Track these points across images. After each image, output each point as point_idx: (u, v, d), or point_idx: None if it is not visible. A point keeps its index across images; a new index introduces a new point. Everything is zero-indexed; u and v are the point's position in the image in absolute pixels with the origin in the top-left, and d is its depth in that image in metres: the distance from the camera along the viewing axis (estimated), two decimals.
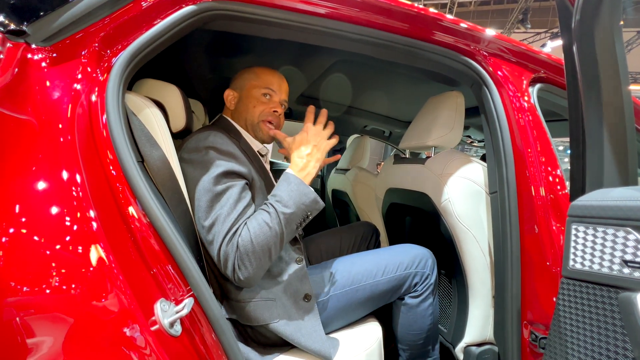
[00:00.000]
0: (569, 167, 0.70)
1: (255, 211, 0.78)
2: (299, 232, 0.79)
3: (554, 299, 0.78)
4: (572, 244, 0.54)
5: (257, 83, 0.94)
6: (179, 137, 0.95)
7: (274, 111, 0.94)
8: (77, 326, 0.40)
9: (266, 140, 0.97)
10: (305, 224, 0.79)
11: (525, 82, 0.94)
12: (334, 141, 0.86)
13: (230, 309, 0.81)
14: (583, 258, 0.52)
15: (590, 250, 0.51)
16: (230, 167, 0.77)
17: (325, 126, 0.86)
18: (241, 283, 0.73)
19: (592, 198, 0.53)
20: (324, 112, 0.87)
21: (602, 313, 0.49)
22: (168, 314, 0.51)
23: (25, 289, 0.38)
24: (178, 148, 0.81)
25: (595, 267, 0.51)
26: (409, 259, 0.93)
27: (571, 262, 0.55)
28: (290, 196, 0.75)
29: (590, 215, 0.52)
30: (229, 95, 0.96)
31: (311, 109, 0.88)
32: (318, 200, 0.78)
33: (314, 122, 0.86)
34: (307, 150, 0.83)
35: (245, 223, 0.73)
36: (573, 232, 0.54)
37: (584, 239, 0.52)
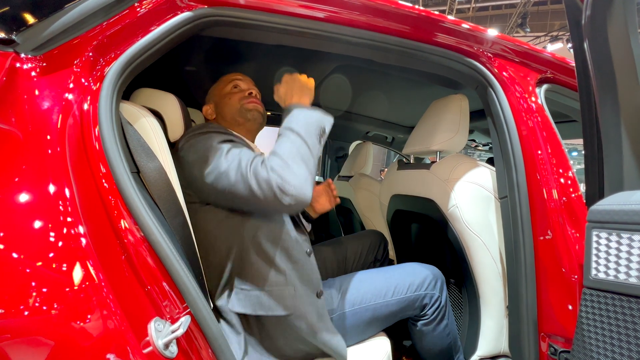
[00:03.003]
0: (583, 170, 0.67)
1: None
2: (321, 148, 0.78)
3: (569, 307, 0.74)
4: (594, 251, 0.51)
5: (223, 85, 0.99)
6: None
7: (249, 93, 0.96)
8: (60, 351, 0.37)
9: (258, 118, 0.96)
10: (325, 137, 0.79)
11: (531, 82, 0.91)
12: (312, 84, 0.88)
13: (239, 301, 0.75)
14: (607, 267, 0.49)
15: (614, 258, 0.47)
16: (232, 137, 0.78)
17: None
18: (292, 205, 0.67)
19: (614, 202, 0.49)
20: None
21: (632, 327, 0.45)
22: (163, 334, 0.47)
23: (1, 311, 0.35)
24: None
25: (622, 276, 0.47)
26: (419, 280, 0.91)
27: (593, 271, 0.51)
28: (297, 121, 0.75)
29: (613, 221, 0.48)
30: (208, 110, 0.99)
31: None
32: (324, 115, 0.79)
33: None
34: (291, 83, 0.85)
35: (268, 154, 0.72)
36: (594, 238, 0.51)
37: (607, 246, 0.49)
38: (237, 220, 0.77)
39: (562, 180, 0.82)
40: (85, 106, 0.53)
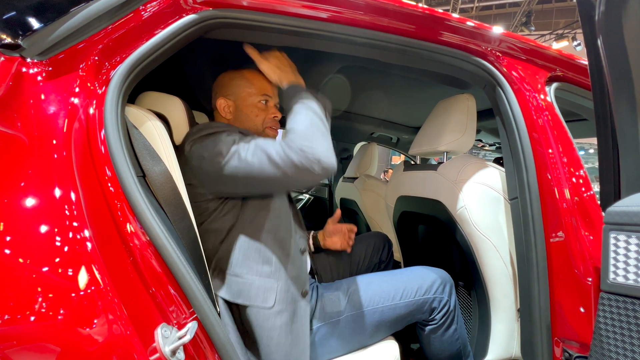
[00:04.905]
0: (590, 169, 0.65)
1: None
2: (328, 121, 0.80)
3: (584, 312, 0.72)
4: (612, 254, 0.49)
5: (252, 91, 0.92)
6: None
7: (274, 117, 0.94)
8: (66, 357, 0.37)
9: None
10: (330, 115, 0.82)
11: (541, 81, 0.90)
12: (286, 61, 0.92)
13: (223, 285, 0.75)
14: (626, 271, 0.47)
15: (634, 262, 0.46)
16: (243, 130, 0.80)
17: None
18: (321, 174, 0.70)
19: (633, 203, 0.47)
20: None
21: None
22: (170, 340, 0.47)
23: (6, 317, 0.35)
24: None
25: None
26: (427, 283, 0.89)
27: (612, 275, 0.49)
28: (308, 100, 0.78)
29: (632, 223, 0.46)
30: (223, 104, 0.92)
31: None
32: (324, 97, 0.82)
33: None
34: (281, 60, 0.89)
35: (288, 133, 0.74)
36: (612, 241, 0.49)
37: (626, 249, 0.47)
38: (236, 204, 0.78)
39: (573, 179, 0.80)
40: (91, 110, 0.53)
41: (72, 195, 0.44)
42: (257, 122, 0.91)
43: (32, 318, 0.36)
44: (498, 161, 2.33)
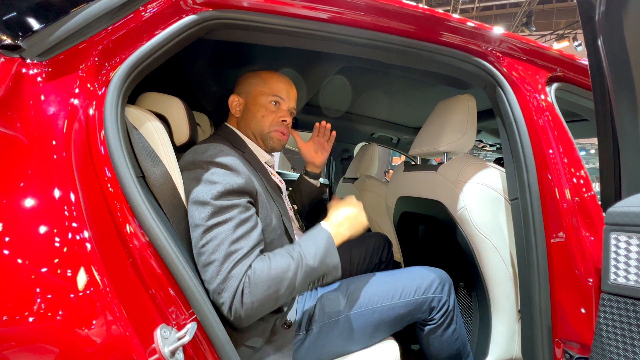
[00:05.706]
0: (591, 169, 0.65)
1: (258, 224, 0.73)
2: (308, 288, 0.73)
3: (585, 312, 0.72)
4: (613, 255, 0.49)
5: (264, 90, 0.89)
6: (184, 151, 0.93)
7: (283, 120, 0.91)
8: (64, 358, 0.37)
9: (277, 149, 0.94)
10: (314, 286, 0.73)
11: (541, 81, 0.89)
12: (366, 225, 0.85)
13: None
14: (627, 271, 0.47)
15: (635, 262, 0.46)
16: (230, 184, 0.69)
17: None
18: (236, 320, 0.64)
19: (633, 204, 0.47)
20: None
21: None
22: (169, 341, 0.47)
23: (4, 317, 0.35)
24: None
25: None
26: (426, 283, 0.89)
27: (612, 276, 0.49)
28: (317, 251, 0.71)
29: (633, 223, 0.46)
30: (234, 102, 0.91)
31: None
32: (339, 268, 0.75)
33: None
34: (348, 213, 0.81)
35: (269, 257, 0.68)
36: (613, 242, 0.49)
37: (627, 249, 0.47)
38: None
39: (574, 180, 0.79)
40: (91, 111, 0.53)
41: (72, 196, 0.44)
42: (264, 123, 0.89)
43: (31, 319, 0.36)
44: (499, 162, 2.33)
